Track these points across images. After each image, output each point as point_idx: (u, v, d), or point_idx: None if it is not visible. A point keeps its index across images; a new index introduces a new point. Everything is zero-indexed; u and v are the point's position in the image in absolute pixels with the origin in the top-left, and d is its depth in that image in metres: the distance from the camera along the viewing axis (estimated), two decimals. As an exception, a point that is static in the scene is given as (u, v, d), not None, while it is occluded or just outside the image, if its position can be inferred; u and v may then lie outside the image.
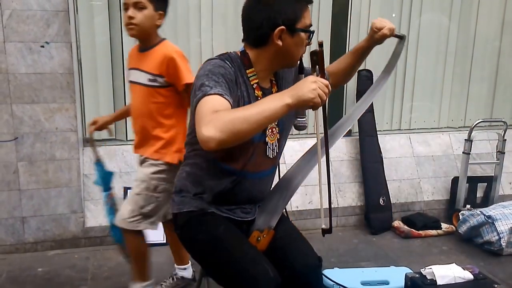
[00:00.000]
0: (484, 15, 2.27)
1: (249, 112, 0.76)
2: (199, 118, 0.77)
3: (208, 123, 0.75)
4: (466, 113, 2.36)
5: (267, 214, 0.98)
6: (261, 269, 0.87)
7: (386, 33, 0.96)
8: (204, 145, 0.75)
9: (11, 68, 1.64)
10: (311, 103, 0.77)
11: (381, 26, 0.96)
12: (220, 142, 0.74)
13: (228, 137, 0.74)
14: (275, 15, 0.86)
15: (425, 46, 2.22)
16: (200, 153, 0.94)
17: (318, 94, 0.77)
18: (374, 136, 2.11)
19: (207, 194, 0.96)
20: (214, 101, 0.79)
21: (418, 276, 1.24)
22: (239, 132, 0.74)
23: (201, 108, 0.79)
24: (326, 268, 1.58)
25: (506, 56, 2.35)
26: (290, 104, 0.76)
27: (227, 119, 0.75)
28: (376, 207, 2.03)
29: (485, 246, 1.82)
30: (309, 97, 0.76)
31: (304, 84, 0.77)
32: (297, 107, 0.78)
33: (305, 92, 0.76)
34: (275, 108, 0.76)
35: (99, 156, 1.42)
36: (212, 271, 0.96)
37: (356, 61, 1.04)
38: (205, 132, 0.74)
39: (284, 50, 0.88)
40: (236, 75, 0.89)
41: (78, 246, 1.80)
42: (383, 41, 0.98)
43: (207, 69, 0.85)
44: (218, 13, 1.96)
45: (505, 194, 2.22)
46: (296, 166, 1.02)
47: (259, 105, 0.78)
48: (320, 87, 0.77)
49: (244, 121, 0.74)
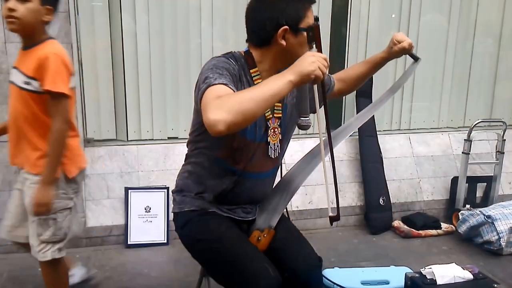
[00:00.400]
0: (483, 16, 2.28)
1: (254, 92, 0.76)
2: (205, 106, 0.77)
3: (214, 107, 0.74)
4: (466, 113, 2.37)
5: (268, 214, 0.98)
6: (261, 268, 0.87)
7: (405, 46, 0.98)
8: (213, 129, 0.74)
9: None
10: (312, 75, 0.78)
11: (402, 39, 0.98)
12: (228, 124, 0.73)
13: (235, 118, 0.73)
14: (278, 15, 0.87)
15: (424, 46, 2.22)
16: (203, 151, 0.94)
17: (318, 66, 0.78)
18: (374, 136, 2.11)
19: (208, 194, 0.96)
20: (219, 89, 0.80)
21: (418, 275, 1.24)
22: (246, 111, 0.73)
23: (206, 97, 0.79)
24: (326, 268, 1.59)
25: (505, 57, 2.36)
26: (292, 81, 0.77)
27: (233, 100, 0.75)
28: (376, 207, 2.03)
29: (485, 245, 1.83)
30: (310, 70, 0.77)
31: (303, 59, 0.79)
32: (300, 83, 0.78)
33: (305, 66, 0.77)
34: (279, 86, 0.76)
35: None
36: (213, 270, 0.96)
37: (369, 71, 1.05)
38: (211, 116, 0.73)
39: (287, 50, 0.89)
40: (240, 74, 0.89)
41: (79, 246, 1.80)
42: (400, 56, 1.00)
43: (211, 64, 0.86)
44: (218, 14, 1.96)
45: (505, 194, 2.22)
46: (297, 166, 1.03)
47: (263, 85, 0.78)
48: (318, 59, 0.78)
49: (250, 100, 0.74)
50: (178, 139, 1.99)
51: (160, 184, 1.89)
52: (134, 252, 1.77)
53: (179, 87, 1.99)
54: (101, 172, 1.87)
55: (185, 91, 1.99)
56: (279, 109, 0.95)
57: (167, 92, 1.98)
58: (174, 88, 1.99)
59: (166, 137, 2.01)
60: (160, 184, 1.89)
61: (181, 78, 1.98)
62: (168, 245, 1.83)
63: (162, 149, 1.96)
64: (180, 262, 1.66)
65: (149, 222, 1.85)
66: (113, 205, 1.86)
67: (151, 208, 1.86)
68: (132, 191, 1.85)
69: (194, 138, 0.95)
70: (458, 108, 2.36)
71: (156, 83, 1.96)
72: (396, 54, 1.00)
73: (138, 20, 1.88)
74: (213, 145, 0.93)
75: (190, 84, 2.01)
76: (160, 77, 1.96)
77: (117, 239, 1.83)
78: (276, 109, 0.95)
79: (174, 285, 1.54)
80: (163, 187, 1.87)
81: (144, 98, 1.95)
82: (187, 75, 1.99)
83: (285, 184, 1.02)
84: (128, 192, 1.85)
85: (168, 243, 1.83)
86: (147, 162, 1.93)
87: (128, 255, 1.75)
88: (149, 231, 1.83)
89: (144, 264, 1.68)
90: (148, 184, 1.89)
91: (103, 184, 1.86)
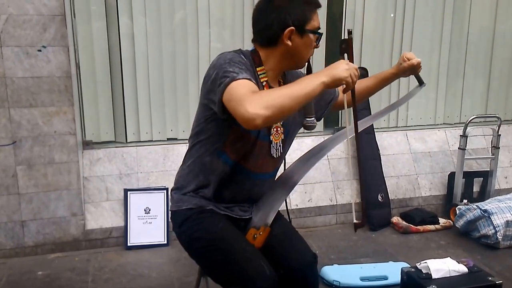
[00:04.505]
0: (477, 12, 2.30)
1: (290, 89, 0.80)
2: (238, 99, 0.79)
3: (252, 101, 0.77)
4: (462, 109, 2.39)
5: (264, 212, 0.99)
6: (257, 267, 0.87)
7: (414, 64, 1.02)
8: (250, 123, 0.76)
9: (8, 72, 1.64)
10: (343, 81, 0.82)
11: (411, 57, 1.02)
12: (266, 118, 0.76)
13: (273, 113, 0.76)
14: (285, 16, 0.89)
15: (419, 44, 2.23)
16: (205, 144, 0.94)
17: (351, 74, 0.82)
18: (372, 134, 2.13)
19: (206, 190, 0.96)
20: (248, 84, 0.82)
21: (413, 270, 1.25)
22: (283, 107, 0.77)
23: (236, 90, 0.80)
24: (326, 265, 1.60)
25: (499, 53, 2.38)
26: (325, 82, 0.81)
27: (270, 96, 0.79)
28: (374, 203, 2.04)
29: (482, 239, 1.84)
30: (343, 76, 0.82)
31: (337, 65, 0.83)
32: (331, 86, 0.82)
33: (339, 71, 0.82)
34: (313, 86, 0.80)
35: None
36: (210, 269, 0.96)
37: (376, 86, 1.08)
38: (251, 110, 0.75)
39: (293, 50, 0.91)
40: (251, 70, 0.91)
41: (79, 249, 1.80)
42: (408, 75, 1.04)
43: (227, 58, 0.87)
44: (215, 16, 1.96)
45: (501, 188, 2.24)
46: (294, 165, 1.03)
47: (299, 83, 0.81)
48: (351, 68, 0.83)
49: (287, 97, 0.78)
50: (177, 140, 2.00)
51: (160, 185, 1.89)
52: (134, 253, 1.77)
53: (177, 88, 1.99)
54: (100, 174, 1.87)
55: (183, 92, 1.99)
56: None
57: (166, 93, 1.98)
58: (172, 89, 1.99)
59: (165, 138, 2.01)
60: (160, 185, 1.89)
61: (179, 79, 1.98)
62: (168, 246, 1.83)
63: (162, 150, 1.96)
64: (180, 262, 1.67)
65: (149, 223, 1.85)
66: (113, 207, 1.86)
67: (150, 209, 1.86)
68: (132, 192, 1.85)
69: (198, 130, 0.95)
70: (453, 104, 2.38)
71: (154, 84, 1.96)
72: (404, 71, 1.03)
73: (136, 22, 1.88)
74: (216, 137, 0.93)
75: (188, 85, 2.01)
76: (158, 78, 1.96)
77: (117, 241, 1.83)
78: None
79: (174, 285, 1.54)
80: (162, 188, 1.88)
81: (143, 100, 1.96)
82: (185, 76, 1.99)
83: (282, 183, 1.02)
84: (128, 193, 1.85)
85: (168, 244, 1.84)
86: (146, 164, 1.93)
87: (128, 256, 1.75)
88: (149, 232, 1.84)
89: (144, 266, 1.68)
90: (147, 185, 1.89)
91: (102, 186, 1.87)
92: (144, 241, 1.82)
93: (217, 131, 0.91)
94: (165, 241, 1.83)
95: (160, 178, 1.91)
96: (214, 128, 0.91)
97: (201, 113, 0.94)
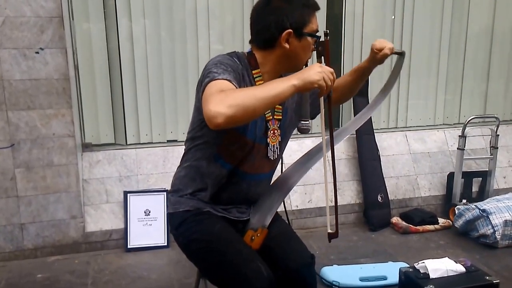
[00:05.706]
0: (476, 13, 2.30)
1: (258, 90, 0.78)
2: (207, 97, 0.77)
3: (216, 99, 0.74)
4: (461, 110, 2.40)
5: (262, 213, 0.99)
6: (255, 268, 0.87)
7: (387, 53, 0.98)
8: (212, 121, 0.74)
9: (5, 75, 1.63)
10: (316, 84, 0.79)
11: (382, 47, 0.97)
12: (228, 117, 0.73)
13: (235, 112, 0.73)
14: (283, 18, 0.88)
15: (418, 45, 2.24)
16: (201, 148, 0.94)
17: (323, 77, 0.79)
18: (371, 135, 2.13)
19: (204, 193, 0.96)
20: (222, 84, 0.81)
21: (411, 270, 1.25)
22: (247, 108, 0.74)
23: (208, 90, 0.79)
24: (326, 265, 1.60)
25: (498, 54, 2.39)
26: (296, 85, 0.78)
27: (236, 95, 0.76)
28: (374, 204, 2.05)
29: (481, 239, 1.85)
30: (314, 79, 0.78)
31: (310, 68, 0.81)
32: (302, 89, 0.79)
33: (311, 74, 0.79)
34: (283, 88, 0.77)
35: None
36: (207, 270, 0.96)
37: (356, 80, 1.04)
38: (213, 108, 0.73)
39: (290, 53, 0.90)
40: (243, 73, 0.90)
41: (79, 251, 1.79)
42: (384, 61, 0.99)
43: (216, 60, 0.87)
44: (214, 17, 1.96)
45: (500, 188, 2.25)
46: (292, 167, 1.04)
47: (267, 85, 0.79)
48: (325, 71, 0.80)
49: (253, 98, 0.75)
50: (177, 141, 2.00)
51: (159, 187, 1.89)
52: (134, 255, 1.77)
53: (177, 90, 1.99)
54: (99, 176, 1.87)
55: (183, 93, 1.99)
56: (279, 111, 0.96)
57: (165, 95, 1.98)
58: (172, 90, 1.99)
59: (165, 140, 2.01)
60: (159, 187, 1.89)
61: (178, 81, 1.98)
62: (168, 248, 1.83)
63: (161, 152, 1.96)
64: (181, 264, 1.66)
65: (149, 225, 1.85)
66: (112, 209, 1.86)
67: (150, 211, 1.86)
68: (131, 194, 1.85)
69: (193, 135, 0.95)
70: (452, 105, 2.39)
71: (154, 86, 1.96)
72: (379, 61, 0.98)
73: (135, 23, 1.88)
74: (212, 141, 0.93)
75: (188, 86, 2.01)
76: (158, 79, 1.96)
77: (117, 243, 1.83)
78: (276, 111, 0.96)
79: (174, 287, 1.54)
80: (162, 190, 1.87)
81: (142, 102, 1.95)
82: (185, 78, 1.99)
83: (280, 184, 1.02)
84: (127, 196, 1.85)
85: (168, 246, 1.84)
86: (146, 166, 1.92)
87: (128, 259, 1.75)
88: (149, 234, 1.83)
89: (144, 268, 1.68)
90: (147, 187, 1.89)
91: (102, 188, 1.86)
92: (144, 243, 1.82)
93: (212, 135, 0.90)
94: (165, 243, 1.83)
95: (160, 180, 1.91)
96: (209, 132, 0.90)
97: (196, 116, 0.94)
